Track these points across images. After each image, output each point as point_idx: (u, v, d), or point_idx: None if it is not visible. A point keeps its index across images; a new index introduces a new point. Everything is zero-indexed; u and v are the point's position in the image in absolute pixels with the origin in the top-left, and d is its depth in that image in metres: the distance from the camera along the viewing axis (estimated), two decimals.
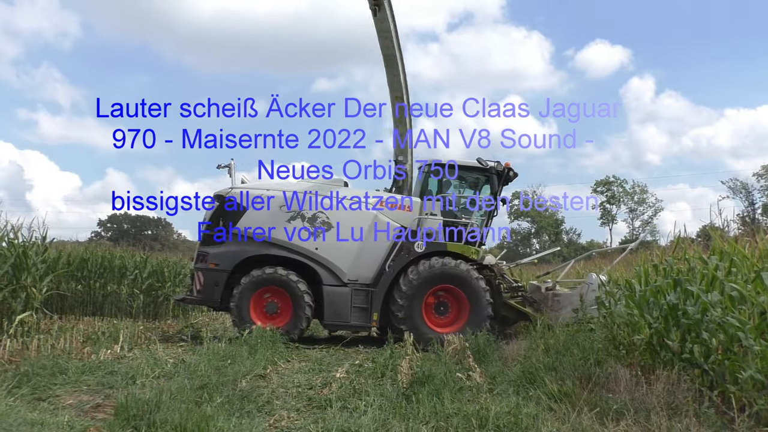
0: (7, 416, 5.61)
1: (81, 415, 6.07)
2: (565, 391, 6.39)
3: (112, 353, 9.10)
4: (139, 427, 5.26)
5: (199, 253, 12.58)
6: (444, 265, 12.26)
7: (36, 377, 7.15)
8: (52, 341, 9.04)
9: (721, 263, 6.60)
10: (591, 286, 11.76)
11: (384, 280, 12.28)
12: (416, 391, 6.73)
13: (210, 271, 12.23)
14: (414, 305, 12.13)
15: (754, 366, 5.14)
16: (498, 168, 13.36)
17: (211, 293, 12.18)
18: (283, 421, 5.88)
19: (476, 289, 12.26)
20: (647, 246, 14.83)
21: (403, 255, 12.35)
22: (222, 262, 12.19)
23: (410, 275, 12.16)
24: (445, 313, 12.53)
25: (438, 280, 12.30)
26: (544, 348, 8.56)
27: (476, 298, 12.26)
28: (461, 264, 12.35)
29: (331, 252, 12.32)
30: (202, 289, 12.30)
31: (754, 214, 59.65)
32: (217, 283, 12.13)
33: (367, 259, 12.43)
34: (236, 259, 12.19)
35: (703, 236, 11.08)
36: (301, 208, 12.32)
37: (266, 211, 12.29)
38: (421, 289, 12.18)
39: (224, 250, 12.26)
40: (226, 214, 12.35)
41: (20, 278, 10.39)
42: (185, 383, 6.90)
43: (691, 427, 4.93)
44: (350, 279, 12.35)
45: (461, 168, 13.52)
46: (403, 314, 12.05)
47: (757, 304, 5.48)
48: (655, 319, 7.17)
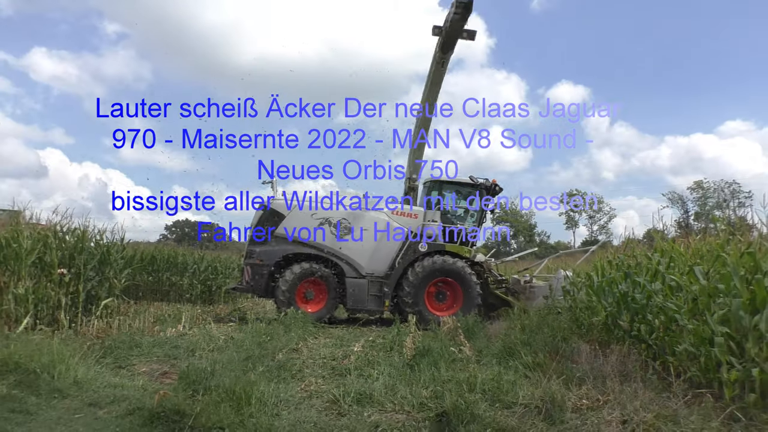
0: (95, 380, 5.70)
1: (152, 380, 6.14)
2: (538, 362, 6.38)
3: (176, 331, 9.16)
4: (197, 390, 5.30)
5: (248, 251, 12.64)
6: (444, 261, 12.35)
7: (117, 350, 7.23)
8: (130, 321, 9.12)
9: (662, 259, 6.59)
10: (560, 280, 11.79)
11: (394, 273, 12.35)
12: (418, 361, 6.75)
13: (257, 265, 12.35)
14: (419, 293, 12.22)
15: (688, 341, 5.15)
16: (486, 184, 13.41)
17: (259, 283, 12.32)
18: (312, 386, 5.89)
19: (469, 281, 12.33)
20: (603, 246, 14.77)
21: (410, 253, 12.41)
22: (266, 258, 12.33)
23: (416, 269, 12.26)
24: (444, 300, 12.58)
25: (438, 273, 12.36)
26: (520, 327, 8.53)
27: (468, 288, 12.33)
28: (457, 261, 12.42)
29: (352, 251, 12.42)
30: (250, 279, 12.41)
31: (688, 220, 59.08)
32: (263, 275, 12.26)
33: (382, 256, 12.48)
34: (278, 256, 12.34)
35: (648, 238, 11.01)
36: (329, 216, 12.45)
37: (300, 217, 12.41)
38: (424, 281, 12.28)
39: (268, 248, 12.36)
40: (270, 220, 12.47)
41: (104, 271, 10.47)
42: (234, 355, 6.94)
43: (639, 390, 4.90)
44: (367, 272, 12.42)
45: (455, 183, 13.59)
46: (411, 300, 12.16)
47: (691, 292, 5.47)
48: (610, 304, 7.17)
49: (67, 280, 9.23)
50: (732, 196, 62.07)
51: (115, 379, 5.90)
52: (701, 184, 65.24)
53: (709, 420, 4.21)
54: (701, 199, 64.60)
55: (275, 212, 12.49)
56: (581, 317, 8.18)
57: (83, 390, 5.39)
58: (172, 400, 4.72)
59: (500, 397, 5.13)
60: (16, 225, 9.42)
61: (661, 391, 4.96)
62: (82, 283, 9.61)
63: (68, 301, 9.14)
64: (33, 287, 8.71)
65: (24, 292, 8.47)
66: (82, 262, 9.81)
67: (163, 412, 4.56)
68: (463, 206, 13.80)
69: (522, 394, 5.15)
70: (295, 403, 5.28)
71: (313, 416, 4.88)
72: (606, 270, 8.06)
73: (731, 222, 6.30)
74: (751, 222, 5.96)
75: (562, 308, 9.46)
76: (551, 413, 4.70)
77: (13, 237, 9.06)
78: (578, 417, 4.63)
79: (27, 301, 8.47)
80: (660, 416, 4.32)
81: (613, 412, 4.54)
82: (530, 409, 4.87)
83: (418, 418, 4.83)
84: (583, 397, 5.06)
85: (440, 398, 5.13)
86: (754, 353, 4.40)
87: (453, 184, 13.62)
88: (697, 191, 64.74)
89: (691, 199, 65.07)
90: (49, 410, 4.83)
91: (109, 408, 4.97)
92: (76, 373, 5.72)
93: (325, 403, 5.30)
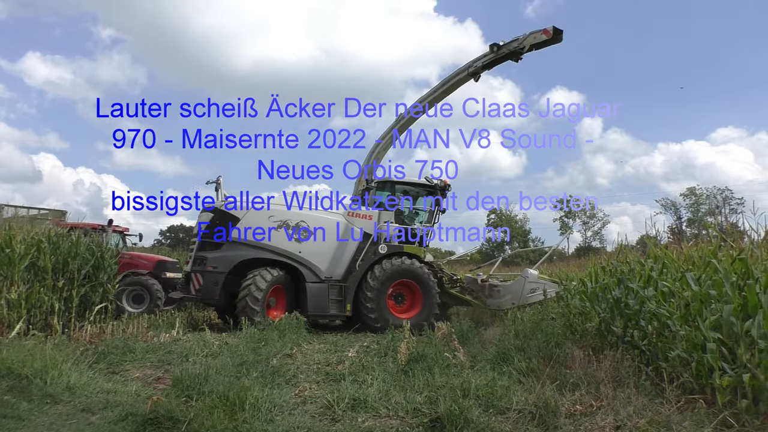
0: (88, 385, 5.66)
1: (146, 386, 6.11)
2: (532, 368, 6.35)
3: (170, 336, 9.11)
4: (191, 395, 5.28)
5: (197, 257, 11.58)
6: (404, 263, 12.14)
7: (110, 355, 7.19)
8: (123, 326, 9.05)
9: (655, 265, 6.62)
10: (528, 279, 12.00)
11: (354, 276, 11.95)
12: (412, 367, 6.72)
13: (209, 273, 11.24)
14: (381, 296, 11.91)
15: (681, 347, 5.16)
16: (440, 185, 13.27)
17: (212, 291, 11.15)
18: (306, 392, 5.86)
19: (428, 282, 12.25)
20: (597, 251, 14.96)
21: (370, 255, 12.10)
22: (220, 265, 11.29)
23: (377, 272, 11.94)
24: (402, 302, 12.38)
25: (399, 275, 12.12)
26: (514, 333, 8.53)
27: (428, 289, 12.23)
28: (416, 262, 12.30)
29: (312, 254, 11.85)
30: (201, 288, 11.28)
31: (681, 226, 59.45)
32: (216, 283, 11.17)
33: (340, 259, 12.04)
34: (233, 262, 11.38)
35: (641, 244, 11.07)
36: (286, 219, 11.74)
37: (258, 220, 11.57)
38: (386, 283, 11.99)
39: (221, 254, 11.40)
40: (221, 223, 11.51)
41: (98, 276, 10.45)
42: (228, 361, 6.92)
43: (632, 396, 4.90)
44: (326, 276, 11.91)
45: (407, 184, 13.33)
46: (373, 304, 11.80)
47: (683, 298, 5.50)
48: (603, 309, 7.18)
49: (60, 285, 9.19)
50: (724, 202, 62.52)
51: (108, 385, 5.86)
52: (694, 190, 65.69)
53: (701, 426, 4.22)
54: (694, 206, 65.02)
55: (228, 214, 11.59)
56: (575, 323, 8.20)
57: (76, 395, 5.36)
58: (166, 406, 4.69)
59: (494, 402, 5.12)
60: (9, 230, 9.36)
61: (654, 397, 4.96)
62: (75, 288, 9.56)
63: (61, 306, 9.09)
64: (26, 292, 8.66)
65: (17, 297, 8.42)
66: (76, 267, 9.77)
67: (156, 418, 4.54)
68: (420, 207, 13.57)
69: (516, 400, 5.14)
70: (289, 408, 5.25)
71: (307, 422, 4.86)
72: (599, 276, 8.09)
73: (723, 228, 6.34)
74: (742, 228, 6.01)
75: (556, 314, 9.49)
76: (545, 419, 4.70)
77: (6, 242, 9.01)
78: (572, 422, 4.63)
79: (20, 307, 8.43)
80: (653, 422, 4.33)
81: (607, 417, 4.54)
82: (524, 414, 4.87)
83: (412, 424, 4.81)
84: (577, 402, 5.06)
85: (434, 404, 5.11)
86: (746, 359, 4.41)
87: (405, 185, 13.31)
88: (690, 198, 65.25)
89: (684, 205, 65.58)
90: (42, 416, 4.80)
91: (102, 413, 4.94)
92: (69, 378, 5.69)
93: (319, 408, 5.28)
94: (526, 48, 11.32)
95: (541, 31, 11.25)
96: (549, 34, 11.18)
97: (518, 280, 12.51)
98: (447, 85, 12.31)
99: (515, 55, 11.56)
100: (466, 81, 12.19)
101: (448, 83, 12.30)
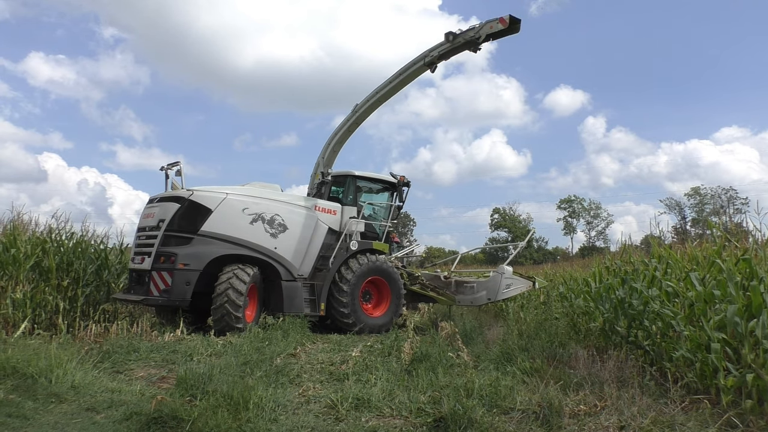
0: (92, 385, 5.68)
1: (150, 385, 6.10)
2: (535, 368, 6.35)
3: (174, 336, 9.07)
4: (195, 395, 5.27)
5: (162, 253, 9.97)
6: (376, 260, 11.94)
7: (115, 354, 7.19)
8: (128, 326, 9.08)
9: (659, 265, 6.61)
10: (504, 275, 12.04)
11: (326, 274, 11.43)
12: (416, 367, 6.71)
13: (181, 271, 9.81)
14: (354, 294, 11.49)
15: (685, 347, 5.15)
16: (404, 181, 12.92)
17: (184, 292, 9.73)
18: (310, 391, 5.85)
19: (396, 279, 12.17)
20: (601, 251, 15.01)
21: (342, 252, 11.66)
22: (193, 263, 9.92)
23: (352, 269, 11.54)
24: (370, 300, 12.19)
25: (371, 273, 11.84)
26: (518, 333, 8.51)
27: (396, 286, 12.16)
28: (386, 259, 12.21)
29: (287, 250, 11.07)
30: (170, 288, 9.74)
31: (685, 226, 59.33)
32: (189, 282, 9.80)
33: (310, 256, 11.46)
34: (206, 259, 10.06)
35: (645, 244, 11.04)
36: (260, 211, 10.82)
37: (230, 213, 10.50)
38: (359, 281, 11.64)
39: (193, 250, 10.02)
40: (190, 216, 10.21)
41: (103, 276, 10.49)
42: (232, 360, 6.91)
43: (636, 396, 4.90)
44: (299, 274, 11.25)
45: (367, 179, 12.94)
46: (347, 300, 11.35)
47: (687, 298, 5.49)
48: (607, 309, 7.16)
49: (65, 284, 9.23)
50: (729, 202, 62.36)
51: (113, 384, 5.86)
52: (698, 190, 65.62)
53: (706, 426, 4.22)
54: (698, 206, 64.90)
55: (199, 206, 10.25)
56: (579, 323, 8.19)
57: (80, 395, 5.38)
58: (170, 405, 4.70)
59: (498, 402, 5.11)
60: (14, 229, 9.41)
61: (659, 397, 4.95)
62: (80, 288, 9.60)
63: (66, 306, 9.13)
64: (31, 292, 8.71)
65: (22, 297, 8.46)
66: (81, 267, 9.80)
67: (160, 417, 4.55)
68: (381, 202, 13.24)
69: (519, 400, 5.13)
70: (293, 408, 5.26)
71: (311, 421, 4.86)
72: (603, 276, 8.07)
73: (727, 228, 6.31)
74: (747, 228, 5.99)
75: (560, 314, 9.48)
76: (549, 419, 4.69)
77: (11, 242, 9.06)
78: (575, 423, 4.62)
79: (25, 306, 8.47)
80: (657, 422, 4.32)
81: (611, 417, 4.53)
82: (528, 414, 4.86)
83: (415, 423, 4.81)
84: (581, 402, 5.04)
85: (438, 403, 5.11)
86: (750, 359, 4.40)
87: (366, 180, 12.92)
88: (694, 197, 65.11)
89: (688, 205, 65.44)
90: (46, 415, 4.82)
91: (106, 413, 4.96)
92: (74, 377, 5.71)
93: (322, 408, 5.28)
94: (482, 37, 10.93)
95: (498, 20, 10.84)
96: (505, 23, 10.72)
97: (494, 276, 12.56)
98: (402, 76, 11.89)
99: (472, 44, 11.13)
100: (422, 72, 11.75)
101: (404, 74, 11.88)
